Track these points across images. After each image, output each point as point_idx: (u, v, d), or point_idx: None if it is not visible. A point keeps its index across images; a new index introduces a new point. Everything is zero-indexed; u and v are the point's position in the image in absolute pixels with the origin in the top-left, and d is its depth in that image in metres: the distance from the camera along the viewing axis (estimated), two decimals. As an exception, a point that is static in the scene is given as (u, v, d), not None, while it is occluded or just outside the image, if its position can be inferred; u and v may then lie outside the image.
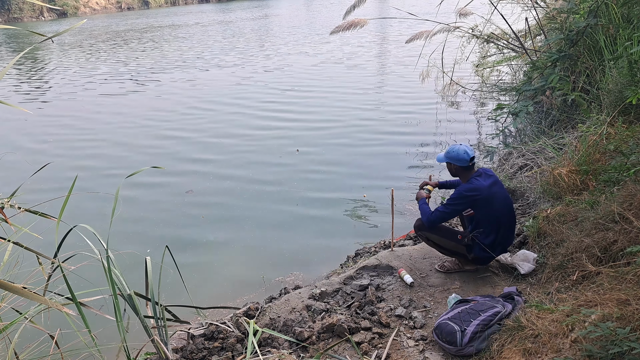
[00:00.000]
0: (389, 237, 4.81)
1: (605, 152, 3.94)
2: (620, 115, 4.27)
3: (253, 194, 6.50)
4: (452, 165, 3.58)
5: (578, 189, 3.93)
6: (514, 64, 8.86)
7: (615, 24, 5.36)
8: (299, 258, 5.00)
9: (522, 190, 4.96)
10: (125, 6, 52.32)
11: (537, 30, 7.76)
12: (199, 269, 4.88)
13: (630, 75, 4.34)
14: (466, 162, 3.48)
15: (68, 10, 46.77)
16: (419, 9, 9.68)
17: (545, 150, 5.35)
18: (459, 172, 3.59)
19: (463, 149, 3.49)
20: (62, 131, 9.84)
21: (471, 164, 3.51)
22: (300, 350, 3.09)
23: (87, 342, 2.35)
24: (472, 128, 8.28)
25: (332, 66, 14.81)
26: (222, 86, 13.05)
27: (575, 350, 2.16)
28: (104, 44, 24.16)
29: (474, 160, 3.53)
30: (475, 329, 2.81)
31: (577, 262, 2.97)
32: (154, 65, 17.03)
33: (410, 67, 13.20)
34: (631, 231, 2.74)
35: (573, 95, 5.45)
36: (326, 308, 3.51)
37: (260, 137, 8.69)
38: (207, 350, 3.22)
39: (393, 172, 6.84)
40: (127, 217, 5.91)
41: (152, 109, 11.09)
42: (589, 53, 5.81)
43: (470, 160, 3.48)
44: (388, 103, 10.43)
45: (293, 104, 10.82)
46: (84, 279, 2.65)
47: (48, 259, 2.39)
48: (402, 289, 3.65)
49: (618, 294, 2.33)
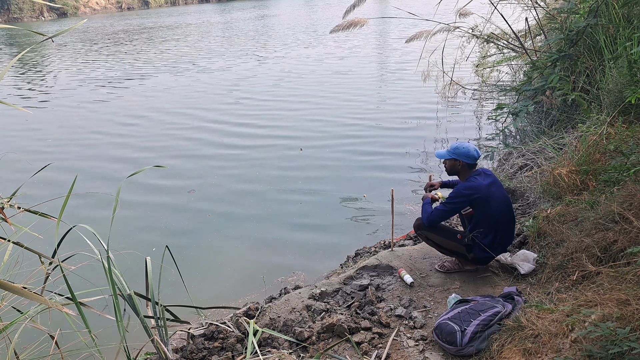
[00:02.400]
0: (389, 237, 4.81)
1: (605, 152, 3.94)
2: (620, 115, 4.27)
3: (254, 193, 6.50)
4: (458, 162, 3.56)
5: (578, 189, 3.93)
6: (514, 64, 8.86)
7: (615, 24, 5.36)
8: (299, 258, 5.00)
9: (522, 190, 4.96)
10: (126, 6, 52.32)
11: (537, 30, 7.76)
12: (199, 269, 4.89)
13: (630, 75, 4.34)
14: (474, 160, 3.52)
15: (68, 10, 46.77)
16: (417, 10, 9.67)
17: (545, 150, 5.34)
18: (462, 170, 3.58)
19: (473, 147, 3.53)
20: (62, 130, 9.85)
21: (475, 162, 3.55)
22: (300, 350, 3.09)
23: (87, 342, 2.35)
24: (472, 128, 8.29)
25: (331, 65, 14.81)
26: (221, 86, 13.06)
27: (575, 350, 2.16)
28: (96, 45, 24.16)
29: (477, 160, 3.56)
30: (476, 329, 2.81)
31: (577, 262, 2.97)
32: (166, 63, 17.04)
33: (410, 66, 13.21)
34: (631, 231, 2.74)
35: (573, 95, 5.45)
36: (326, 308, 3.51)
37: (262, 137, 8.69)
38: (207, 350, 3.22)
39: (393, 172, 6.84)
40: (128, 217, 5.92)
41: (154, 106, 11.10)
42: (589, 53, 5.81)
43: (477, 159, 3.52)
44: (388, 103, 10.43)
45: (293, 102, 10.83)
46: (85, 279, 2.65)
47: (48, 258, 2.39)
48: (402, 289, 3.65)
49: (618, 294, 2.33)
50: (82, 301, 2.43)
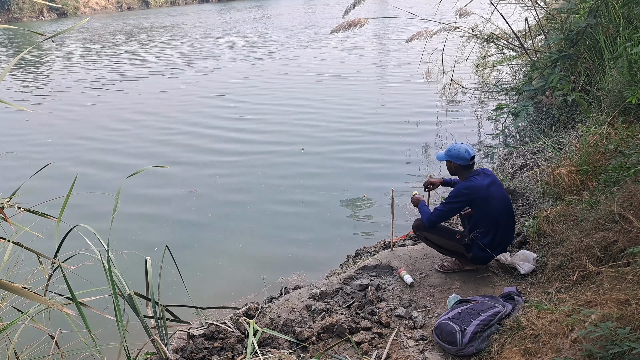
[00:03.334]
0: (389, 237, 4.81)
1: (605, 152, 3.94)
2: (620, 115, 4.27)
3: (255, 193, 6.50)
4: (452, 164, 3.59)
5: (578, 189, 3.93)
6: (514, 64, 8.87)
7: (615, 24, 5.36)
8: (299, 258, 5.00)
9: (522, 190, 4.96)
10: (126, 6, 52.31)
11: (537, 30, 7.76)
12: (199, 269, 4.89)
13: (630, 75, 4.34)
14: (467, 161, 3.50)
15: (68, 10, 46.75)
16: (417, 10, 9.68)
17: (545, 150, 5.35)
18: (459, 171, 3.61)
19: (464, 148, 3.51)
20: (62, 130, 9.85)
21: (471, 163, 3.53)
22: (300, 350, 3.09)
23: (87, 342, 2.35)
24: (473, 128, 8.28)
25: (330, 65, 14.80)
26: (221, 85, 13.06)
27: (575, 350, 2.16)
28: (92, 45, 24.14)
29: (474, 160, 3.55)
30: (476, 329, 2.81)
31: (577, 262, 2.97)
32: (162, 64, 17.04)
33: (410, 66, 13.21)
34: (631, 231, 2.74)
35: (573, 96, 5.45)
36: (326, 308, 3.51)
37: (263, 137, 8.69)
38: (207, 350, 3.22)
39: (393, 172, 6.84)
40: (128, 217, 5.92)
41: (156, 109, 11.10)
42: (589, 53, 5.81)
43: (471, 159, 3.50)
44: (388, 102, 10.43)
45: (294, 102, 10.83)
46: (85, 279, 2.65)
47: (48, 259, 2.39)
48: (402, 289, 3.65)
49: (618, 294, 2.33)
50: (82, 301, 2.43)
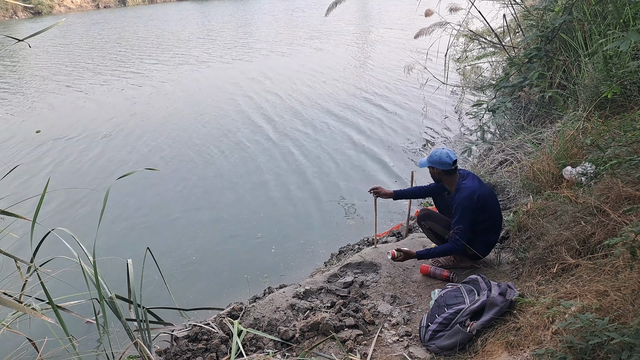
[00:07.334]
0: (372, 234, 4.83)
1: (582, 147, 4.01)
2: (597, 110, 4.35)
3: (237, 194, 6.47)
4: (435, 170, 3.55)
5: (557, 183, 4.00)
6: (493, 60, 8.96)
7: (589, 21, 5.46)
8: (283, 257, 4.99)
9: (503, 185, 5.02)
10: (102, 5, 51.44)
11: (515, 27, 7.86)
12: (181, 270, 4.84)
13: (606, 71, 4.42)
14: (449, 166, 3.45)
15: (42, 9, 45.77)
16: (402, 5, 9.72)
17: (524, 145, 5.42)
18: (442, 177, 3.55)
19: (445, 152, 3.45)
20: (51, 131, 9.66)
21: (454, 167, 3.47)
22: (285, 350, 3.09)
23: (67, 349, 2.31)
24: (453, 123, 8.36)
25: (312, 66, 14.78)
26: (220, 85, 12.95)
27: (556, 342, 2.20)
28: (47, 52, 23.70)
29: (456, 164, 3.49)
30: (437, 327, 2.82)
31: (557, 255, 3.02)
32: (168, 60, 16.80)
33: (393, 62, 13.26)
34: (608, 224, 2.80)
35: (550, 93, 5.53)
36: (311, 306, 3.51)
37: (246, 139, 8.64)
38: (191, 352, 3.19)
39: (374, 171, 6.87)
40: (112, 220, 5.84)
41: (147, 108, 10.96)
42: (565, 49, 5.90)
43: (453, 163, 3.44)
44: (368, 99, 10.45)
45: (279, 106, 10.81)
46: (66, 282, 2.61)
47: (25, 263, 2.34)
48: (385, 286, 3.67)
49: (597, 286, 2.38)
50: (62, 305, 2.39)
